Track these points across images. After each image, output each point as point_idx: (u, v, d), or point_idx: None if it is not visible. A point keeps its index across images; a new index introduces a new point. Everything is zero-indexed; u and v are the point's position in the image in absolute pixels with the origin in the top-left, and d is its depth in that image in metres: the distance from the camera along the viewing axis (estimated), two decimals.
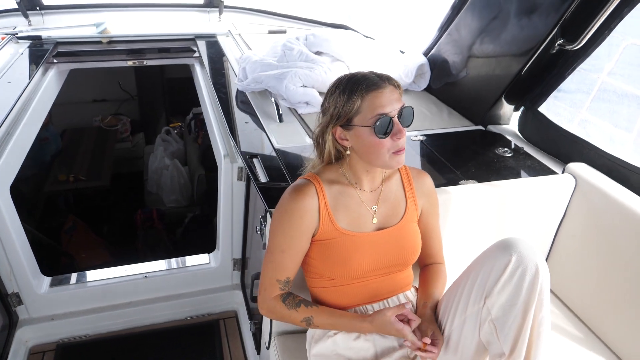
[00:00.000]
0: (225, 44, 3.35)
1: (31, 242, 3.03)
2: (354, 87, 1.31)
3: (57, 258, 3.39)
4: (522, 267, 1.21)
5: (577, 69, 2.02)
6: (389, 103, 1.30)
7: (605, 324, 1.78)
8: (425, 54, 2.72)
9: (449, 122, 2.39)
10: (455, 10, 2.47)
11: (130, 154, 5.00)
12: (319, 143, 1.43)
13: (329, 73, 2.45)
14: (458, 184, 1.82)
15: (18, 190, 3.73)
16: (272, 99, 2.38)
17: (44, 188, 3.95)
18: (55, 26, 3.44)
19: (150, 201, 4.35)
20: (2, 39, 3.16)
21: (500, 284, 1.23)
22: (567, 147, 2.01)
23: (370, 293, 1.47)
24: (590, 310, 1.85)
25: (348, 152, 1.40)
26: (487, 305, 1.25)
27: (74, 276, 2.51)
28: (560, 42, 1.95)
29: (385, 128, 1.29)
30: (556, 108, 2.35)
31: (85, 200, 4.23)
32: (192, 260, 2.62)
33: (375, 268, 1.44)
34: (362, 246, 1.42)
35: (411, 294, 1.54)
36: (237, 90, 2.61)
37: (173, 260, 2.62)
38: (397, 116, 1.30)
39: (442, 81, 2.64)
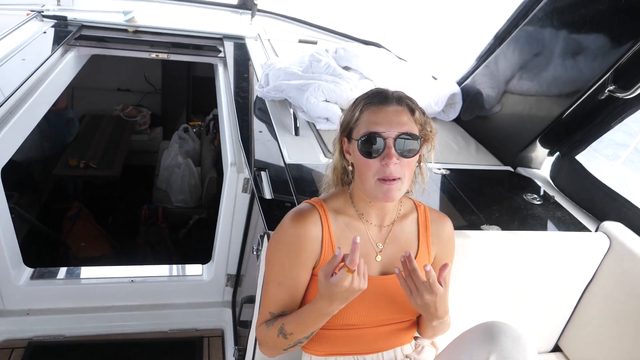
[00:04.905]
0: (253, 48, 3.25)
1: (28, 231, 2.95)
2: (360, 99, 1.23)
3: (55, 247, 3.31)
4: None
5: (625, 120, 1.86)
6: (386, 122, 1.17)
7: None
8: (459, 83, 2.59)
9: (476, 159, 2.24)
10: (498, 41, 2.33)
11: (145, 147, 4.97)
12: (333, 154, 1.33)
13: (355, 90, 2.31)
14: (479, 229, 1.67)
15: (28, 171, 3.70)
16: (291, 110, 2.25)
17: (53, 170, 3.89)
18: (83, 9, 3.37)
19: (158, 198, 4.28)
20: (27, 15, 3.10)
21: None
22: (604, 203, 1.84)
23: (363, 342, 1.30)
24: None
25: (350, 167, 1.28)
26: None
27: (57, 271, 2.40)
28: (611, 88, 1.79)
29: (369, 147, 1.17)
30: (594, 158, 2.18)
31: (93, 188, 4.18)
32: (184, 270, 2.50)
33: (374, 318, 1.28)
34: (364, 291, 1.26)
35: (410, 348, 1.37)
36: (257, 96, 2.49)
37: (163, 267, 2.50)
38: (393, 139, 1.16)
39: (473, 114, 2.50)
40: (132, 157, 4.57)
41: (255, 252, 1.65)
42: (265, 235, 1.44)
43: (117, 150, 4.31)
